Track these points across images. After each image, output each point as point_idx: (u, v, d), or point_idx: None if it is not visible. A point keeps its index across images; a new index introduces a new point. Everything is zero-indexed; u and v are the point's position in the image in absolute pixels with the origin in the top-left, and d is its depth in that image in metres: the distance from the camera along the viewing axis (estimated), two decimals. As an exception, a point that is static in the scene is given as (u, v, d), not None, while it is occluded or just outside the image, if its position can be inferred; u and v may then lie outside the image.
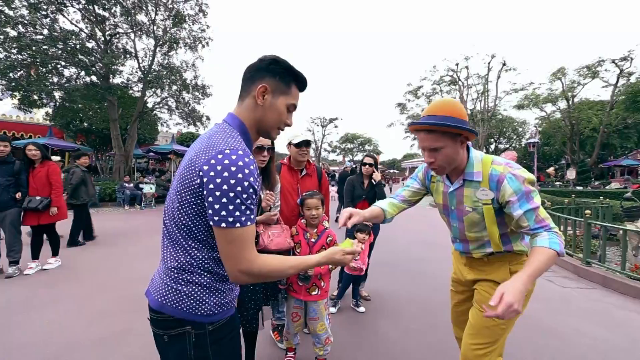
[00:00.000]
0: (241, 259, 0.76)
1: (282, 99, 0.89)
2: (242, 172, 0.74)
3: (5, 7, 10.48)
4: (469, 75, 19.61)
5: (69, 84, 12.03)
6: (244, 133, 0.88)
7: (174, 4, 13.64)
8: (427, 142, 1.17)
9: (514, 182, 1.13)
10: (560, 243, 1.05)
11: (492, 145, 29.31)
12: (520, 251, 1.32)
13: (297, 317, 1.93)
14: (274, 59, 0.89)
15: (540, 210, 1.11)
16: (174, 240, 0.83)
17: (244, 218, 0.75)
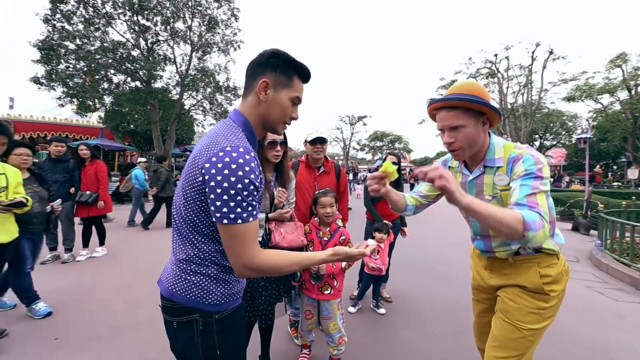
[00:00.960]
0: (243, 254, 0.78)
1: (284, 92, 0.88)
2: (242, 170, 0.75)
3: (65, 23, 11.81)
4: (509, 67, 18.11)
5: (117, 90, 13.23)
6: (248, 130, 0.89)
7: (208, 10, 14.36)
8: (447, 120, 1.10)
9: (529, 161, 1.05)
10: (537, 222, 0.91)
11: (537, 141, 26.87)
12: (551, 250, 1.19)
13: (310, 315, 1.93)
14: (273, 52, 0.89)
15: (540, 195, 0.99)
16: (182, 234, 0.87)
17: (246, 214, 0.77)
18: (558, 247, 1.21)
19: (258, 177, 0.79)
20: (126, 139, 17.85)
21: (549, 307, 1.17)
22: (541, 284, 1.17)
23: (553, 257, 1.21)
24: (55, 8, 11.47)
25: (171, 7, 13.55)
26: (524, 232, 0.91)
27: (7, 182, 2.23)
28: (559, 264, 1.21)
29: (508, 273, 1.25)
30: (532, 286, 1.18)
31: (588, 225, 7.15)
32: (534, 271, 1.19)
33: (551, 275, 1.18)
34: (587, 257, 5.17)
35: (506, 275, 1.25)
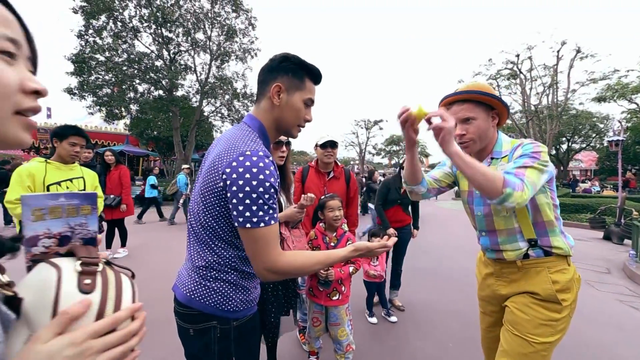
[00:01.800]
0: (267, 257, 0.77)
1: (297, 95, 0.89)
2: (263, 173, 0.75)
3: (97, 37, 12.64)
4: (532, 67, 17.38)
5: (142, 98, 13.93)
6: (263, 134, 0.90)
7: (226, 20, 14.88)
8: (460, 112, 1.15)
9: (528, 146, 1.09)
10: (517, 184, 0.95)
11: (564, 144, 25.48)
12: (561, 250, 1.14)
13: (318, 322, 1.91)
14: (284, 56, 0.89)
15: (529, 170, 1.01)
16: (201, 240, 0.87)
17: (268, 217, 0.77)
18: (568, 248, 1.16)
19: (277, 180, 0.80)
20: (150, 145, 18.70)
21: (561, 318, 1.11)
22: (554, 291, 1.11)
23: (563, 261, 1.16)
24: (88, 24, 12.31)
25: (192, 18, 14.18)
26: (502, 188, 0.94)
27: (85, 186, 2.24)
28: (570, 271, 1.15)
29: (517, 279, 1.19)
30: (544, 293, 1.12)
31: (621, 234, 6.66)
32: (545, 276, 1.13)
33: (561, 281, 1.12)
34: (619, 268, 4.80)
35: (515, 282, 1.20)
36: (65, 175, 2.17)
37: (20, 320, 0.36)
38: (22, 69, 0.35)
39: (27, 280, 0.39)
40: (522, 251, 1.16)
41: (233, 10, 14.88)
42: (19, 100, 0.34)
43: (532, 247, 1.15)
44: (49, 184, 2.07)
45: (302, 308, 2.21)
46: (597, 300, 3.48)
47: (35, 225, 0.42)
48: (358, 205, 2.47)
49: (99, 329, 0.37)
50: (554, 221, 1.15)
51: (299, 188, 2.31)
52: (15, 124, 0.34)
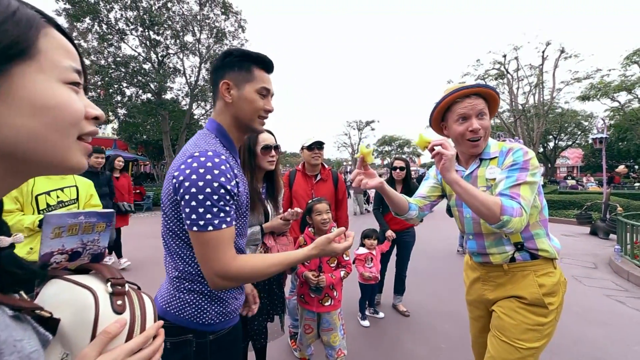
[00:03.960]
0: (217, 262, 0.74)
1: (248, 87, 0.86)
2: (210, 173, 0.73)
3: (82, 40, 12.37)
4: (519, 67, 17.75)
5: (130, 102, 13.67)
6: (223, 135, 0.87)
7: (216, 23, 14.76)
8: (478, 105, 1.13)
9: (519, 153, 1.10)
10: (515, 209, 0.97)
11: (551, 142, 26.07)
12: (547, 252, 1.14)
13: (310, 330, 1.88)
14: (226, 52, 0.87)
15: (523, 187, 1.03)
16: (171, 250, 0.84)
17: (217, 220, 0.74)
18: (554, 251, 1.16)
19: (231, 180, 0.77)
20: (139, 149, 18.36)
21: (548, 322, 1.11)
22: (540, 295, 1.11)
23: (549, 264, 1.15)
24: (72, 27, 12.04)
25: (181, 21, 14.01)
26: (500, 216, 0.96)
27: (78, 195, 2.16)
28: (556, 274, 1.15)
29: (503, 283, 1.19)
30: (531, 297, 1.11)
31: (607, 229, 6.82)
32: (531, 280, 1.13)
33: (547, 285, 1.12)
34: (606, 263, 4.91)
35: (502, 286, 1.19)
36: (55, 185, 2.09)
37: (54, 339, 0.38)
38: (83, 96, 0.39)
39: (57, 301, 0.40)
40: (508, 254, 1.16)
41: (222, 13, 14.77)
42: (82, 126, 0.37)
43: (519, 251, 1.15)
44: (37, 194, 1.98)
45: (292, 314, 2.17)
46: (584, 295, 3.54)
47: (53, 242, 0.44)
48: (347, 208, 2.45)
49: (134, 346, 0.42)
50: (539, 223, 1.15)
51: (287, 192, 2.28)
52: (77, 149, 0.37)
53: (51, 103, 0.33)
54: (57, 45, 0.36)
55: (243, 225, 0.92)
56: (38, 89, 0.33)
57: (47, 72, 0.34)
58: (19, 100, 0.32)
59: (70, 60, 0.37)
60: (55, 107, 0.34)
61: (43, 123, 0.33)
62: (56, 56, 0.35)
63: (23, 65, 0.32)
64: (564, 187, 15.87)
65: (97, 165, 3.90)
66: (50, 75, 0.34)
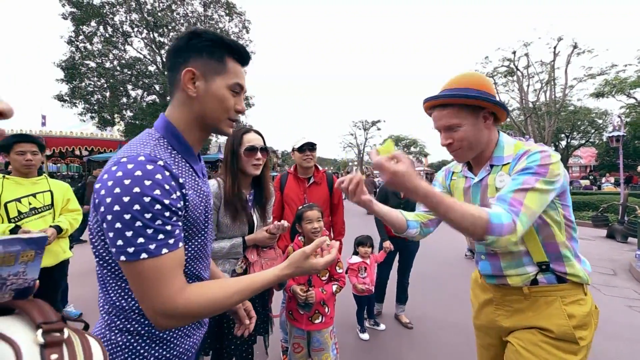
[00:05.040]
0: (157, 297, 0.58)
1: (219, 80, 0.70)
2: (139, 185, 0.57)
3: (87, 43, 12.51)
4: (529, 64, 17.23)
5: (135, 104, 13.78)
6: (174, 135, 0.70)
7: (219, 24, 14.77)
8: (442, 120, 0.96)
9: (534, 157, 0.88)
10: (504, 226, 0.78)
11: (563, 141, 25.29)
12: (576, 277, 0.94)
13: (300, 349, 1.72)
14: (193, 32, 0.69)
15: (531, 194, 0.83)
16: (103, 280, 0.68)
17: (154, 245, 0.58)
18: (586, 274, 0.96)
19: (171, 192, 0.61)
20: (145, 151, 18.49)
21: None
22: (571, 328, 0.91)
23: (579, 290, 0.96)
24: (78, 30, 12.18)
25: (185, 23, 14.06)
26: (484, 235, 0.78)
27: (53, 200, 2.05)
28: (587, 302, 0.96)
29: (522, 309, 0.99)
30: (559, 330, 0.92)
31: (625, 232, 6.47)
32: (558, 308, 0.93)
33: (578, 316, 0.92)
34: (625, 269, 4.61)
35: (520, 312, 0.99)
36: (27, 191, 1.97)
37: None
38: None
39: None
40: (530, 276, 0.97)
41: (226, 14, 14.77)
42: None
43: (543, 272, 0.96)
44: (6, 202, 1.88)
45: (284, 328, 2.01)
46: (603, 306, 3.26)
47: None
48: (343, 213, 2.27)
49: None
50: (566, 243, 0.96)
51: (278, 197, 2.12)
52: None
53: None
54: None
55: (202, 246, 0.76)
56: None
57: None
58: None
59: None
60: None
61: None
62: None
63: None
64: (578, 187, 15.34)
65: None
66: None
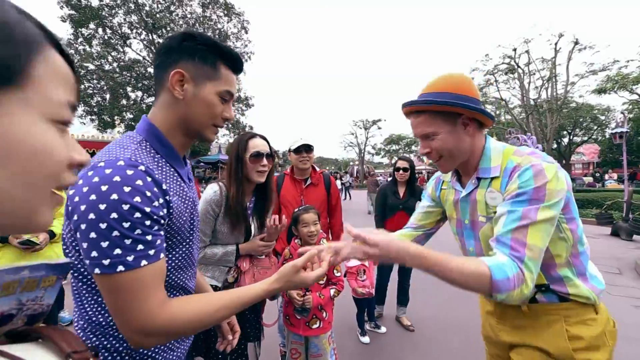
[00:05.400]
0: (134, 313, 0.55)
1: (209, 86, 0.67)
2: (118, 191, 0.53)
3: (86, 45, 12.50)
4: (530, 61, 17.11)
5: (135, 105, 13.77)
6: (156, 138, 0.67)
7: (218, 25, 14.74)
8: (417, 127, 0.89)
9: (526, 175, 0.77)
10: (511, 279, 0.70)
11: (565, 138, 25.10)
12: (581, 297, 0.84)
13: (297, 354, 1.67)
14: (186, 33, 0.67)
15: (533, 230, 0.73)
16: (78, 293, 0.64)
17: (132, 257, 0.54)
18: (595, 295, 0.86)
19: (152, 200, 0.57)
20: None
21: None
22: (570, 351, 0.82)
23: (588, 309, 0.86)
24: (77, 33, 12.18)
25: (184, 24, 14.03)
26: (492, 292, 0.70)
27: None
28: (599, 322, 0.86)
29: (522, 326, 0.92)
30: (557, 352, 0.84)
31: (630, 229, 6.38)
32: (559, 329, 0.85)
33: (585, 337, 0.83)
34: (631, 267, 4.54)
35: (520, 330, 0.93)
36: None
37: None
38: (68, 137, 0.31)
39: None
40: (528, 296, 0.88)
41: (225, 15, 14.73)
42: (62, 177, 0.29)
43: (542, 292, 0.87)
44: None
45: (282, 331, 1.96)
46: (610, 306, 3.19)
47: None
48: (341, 215, 2.22)
49: None
50: (570, 261, 0.85)
51: (275, 199, 2.07)
52: (48, 206, 0.29)
53: (30, 148, 0.26)
54: (54, 73, 0.29)
55: (187, 255, 0.72)
56: (17, 128, 0.25)
57: (35, 106, 0.27)
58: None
59: (66, 92, 0.30)
60: (34, 153, 0.26)
61: (11, 174, 0.25)
62: (50, 87, 0.28)
63: (6, 94, 0.25)
64: (581, 184, 15.22)
65: None
66: (37, 110, 0.27)
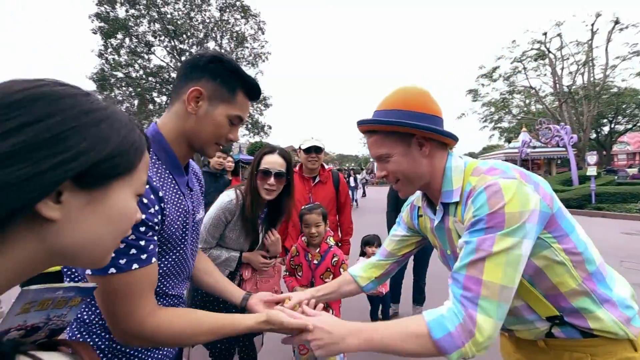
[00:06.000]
0: (124, 316, 0.58)
1: (222, 108, 0.70)
2: None
3: (115, 55, 13.31)
4: (563, 45, 15.89)
5: (161, 110, 14.49)
6: (161, 146, 0.70)
7: (235, 27, 15.10)
8: (371, 148, 0.81)
9: (480, 199, 0.65)
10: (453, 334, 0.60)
11: (606, 127, 23.10)
12: (609, 332, 0.67)
13: (305, 351, 1.67)
14: (215, 56, 0.70)
15: (489, 266, 0.61)
16: None
17: (125, 260, 0.56)
18: (624, 327, 0.67)
19: (148, 206, 0.60)
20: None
21: None
22: None
23: (624, 344, 0.68)
24: (107, 43, 12.99)
25: (203, 29, 14.53)
26: (441, 354, 0.61)
27: None
28: None
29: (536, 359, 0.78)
30: None
31: (681, 225, 5.77)
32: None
33: None
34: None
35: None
36: None
37: None
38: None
39: None
40: (542, 331, 0.74)
41: (242, 17, 15.04)
42: (129, 231, 0.40)
43: (558, 325, 0.72)
44: None
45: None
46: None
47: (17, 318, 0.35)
48: (350, 213, 2.20)
49: None
50: (584, 287, 0.68)
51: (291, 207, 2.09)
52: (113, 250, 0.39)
53: (124, 214, 0.37)
54: (145, 163, 0.40)
55: (178, 262, 0.73)
56: (122, 201, 0.36)
57: (132, 185, 0.38)
58: (104, 209, 0.35)
59: (146, 174, 0.42)
60: (125, 217, 0.38)
61: (109, 230, 0.36)
62: (142, 173, 0.40)
63: (122, 181, 0.36)
64: (624, 176, 13.92)
65: (218, 167, 3.17)
66: (132, 188, 0.38)
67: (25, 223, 0.29)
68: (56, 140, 0.29)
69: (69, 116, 0.31)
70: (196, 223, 0.82)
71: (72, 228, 0.32)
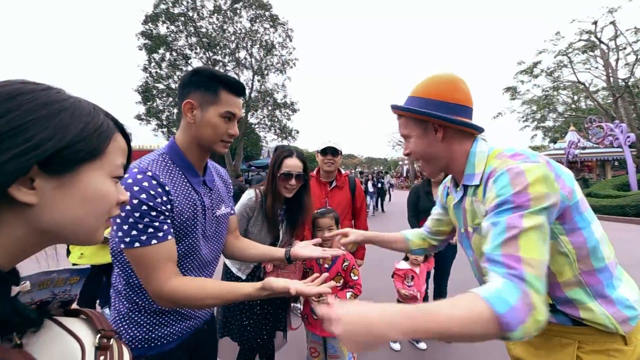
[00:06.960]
0: (151, 280, 0.74)
1: (212, 110, 0.83)
2: (129, 190, 0.74)
3: (157, 68, 14.50)
4: (617, 34, 14.25)
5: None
6: (176, 153, 0.86)
7: (265, 36, 15.70)
8: (400, 128, 0.92)
9: (502, 181, 0.66)
10: (517, 307, 0.53)
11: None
12: (597, 324, 0.69)
13: (317, 354, 1.71)
14: (194, 70, 0.85)
15: (524, 238, 0.59)
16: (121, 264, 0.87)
17: (145, 237, 0.73)
18: (615, 323, 0.68)
19: (156, 197, 0.76)
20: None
21: None
22: None
23: (613, 338, 0.70)
24: (150, 58, 14.23)
25: (235, 40, 15.31)
26: (501, 332, 0.53)
27: None
28: (628, 356, 0.69)
29: (533, 343, 0.81)
30: None
31: None
32: (569, 351, 0.73)
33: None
34: None
35: (531, 346, 0.82)
36: None
37: None
38: (119, 185, 0.45)
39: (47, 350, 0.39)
40: None
41: (271, 26, 15.62)
42: (113, 210, 0.44)
43: (551, 312, 0.74)
44: None
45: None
46: None
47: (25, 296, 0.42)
48: (366, 218, 2.19)
49: None
50: (580, 280, 0.71)
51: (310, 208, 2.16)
52: (103, 228, 0.43)
53: (98, 195, 0.41)
54: (118, 148, 0.43)
55: (191, 247, 0.86)
56: (93, 183, 0.40)
57: (104, 168, 0.41)
58: (76, 191, 0.38)
59: (123, 158, 0.45)
60: (100, 198, 0.41)
61: (87, 210, 0.40)
62: (114, 157, 0.43)
63: (90, 164, 0.39)
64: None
65: None
66: (105, 171, 0.41)
67: (8, 207, 0.34)
68: (16, 132, 0.33)
69: (27, 109, 0.34)
70: (217, 217, 0.96)
71: (51, 210, 0.37)
